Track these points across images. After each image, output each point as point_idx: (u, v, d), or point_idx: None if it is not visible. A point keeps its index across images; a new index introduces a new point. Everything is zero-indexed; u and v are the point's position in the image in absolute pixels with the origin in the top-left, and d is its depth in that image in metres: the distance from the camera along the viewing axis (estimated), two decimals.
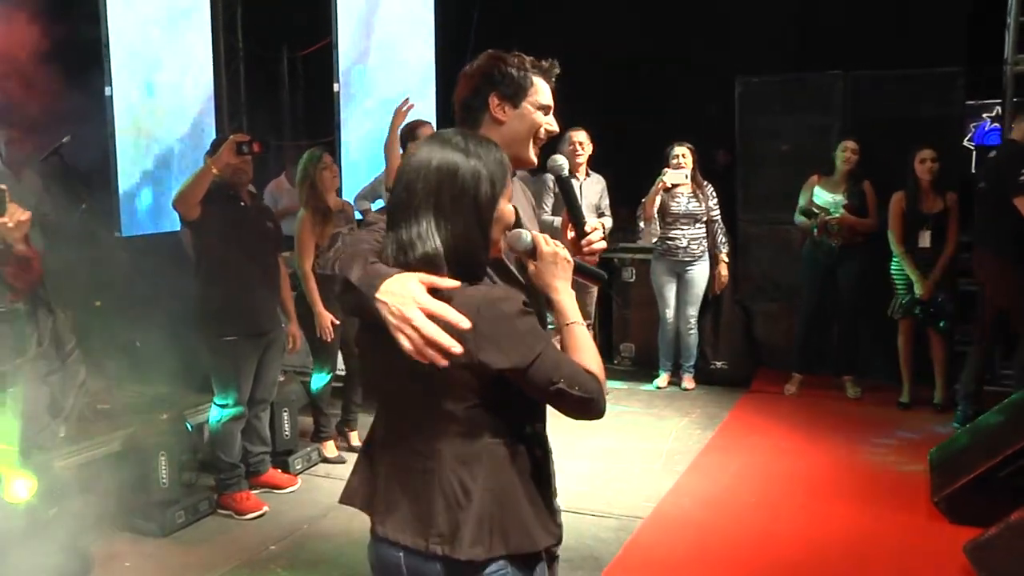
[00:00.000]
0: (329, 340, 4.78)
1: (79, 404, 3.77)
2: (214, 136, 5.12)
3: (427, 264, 1.67)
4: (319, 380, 4.98)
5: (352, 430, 5.19)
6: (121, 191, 5.14)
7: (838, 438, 5.20)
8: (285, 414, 4.81)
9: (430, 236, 1.69)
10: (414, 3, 7.30)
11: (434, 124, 7.16)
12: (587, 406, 1.72)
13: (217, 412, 4.22)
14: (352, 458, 4.96)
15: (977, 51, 6.41)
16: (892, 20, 6.26)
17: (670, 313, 6.21)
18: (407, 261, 1.69)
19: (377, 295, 1.65)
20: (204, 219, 4.00)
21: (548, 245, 1.86)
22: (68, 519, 3.18)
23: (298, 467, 4.78)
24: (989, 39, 6.15)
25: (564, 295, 1.84)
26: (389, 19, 6.98)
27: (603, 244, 2.24)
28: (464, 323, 1.60)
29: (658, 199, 5.97)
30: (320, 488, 4.63)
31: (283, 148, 7.34)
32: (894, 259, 5.62)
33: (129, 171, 5.20)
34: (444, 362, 1.59)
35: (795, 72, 6.65)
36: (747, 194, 6.83)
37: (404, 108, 4.71)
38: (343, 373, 5.17)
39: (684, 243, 6.08)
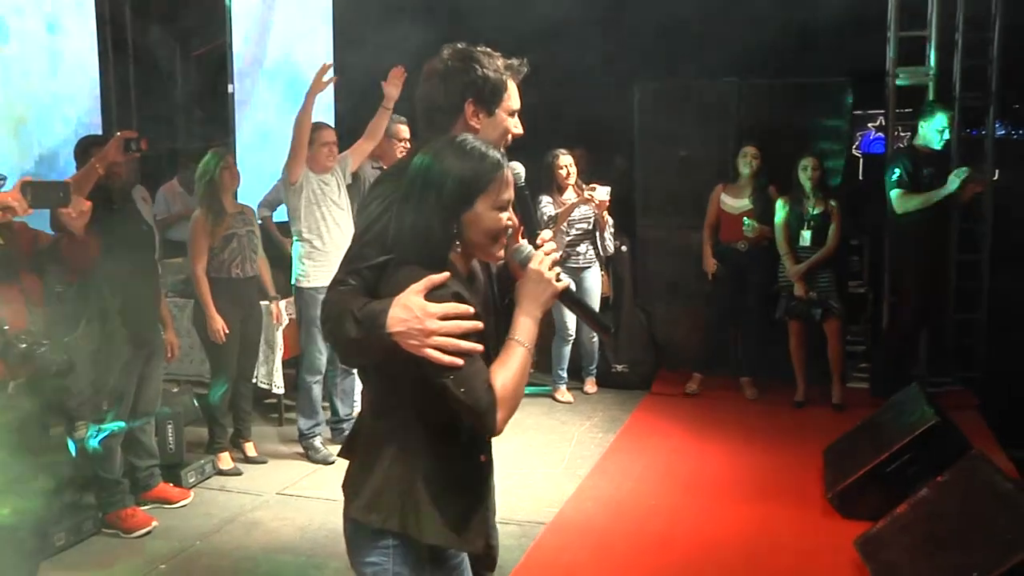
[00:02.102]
0: (221, 342, 4.64)
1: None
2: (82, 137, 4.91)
3: (397, 249, 1.83)
4: (216, 389, 4.81)
5: (247, 441, 5.03)
6: None
7: (736, 438, 5.31)
8: (170, 427, 4.60)
9: (397, 223, 1.83)
10: (312, 2, 7.17)
11: (333, 121, 7.06)
12: (470, 414, 1.75)
13: (95, 428, 4.01)
14: (249, 469, 4.85)
15: (863, 64, 6.67)
16: (785, 32, 6.45)
17: (571, 323, 6.17)
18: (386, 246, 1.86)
19: (388, 331, 1.71)
20: None
21: (538, 264, 1.88)
22: None
23: (191, 480, 4.60)
24: (874, 52, 6.40)
25: (525, 313, 1.86)
26: (286, 19, 6.83)
27: (555, 256, 2.19)
28: (471, 309, 1.74)
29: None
30: (214, 501, 4.46)
31: (175, 151, 7.10)
32: (782, 263, 5.81)
33: (9, 173, 4.91)
34: (480, 348, 1.74)
35: (691, 79, 6.78)
36: (646, 199, 6.92)
37: (326, 77, 4.59)
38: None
39: (583, 249, 6.09)
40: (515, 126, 2.18)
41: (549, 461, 5.00)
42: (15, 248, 2.99)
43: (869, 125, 9.35)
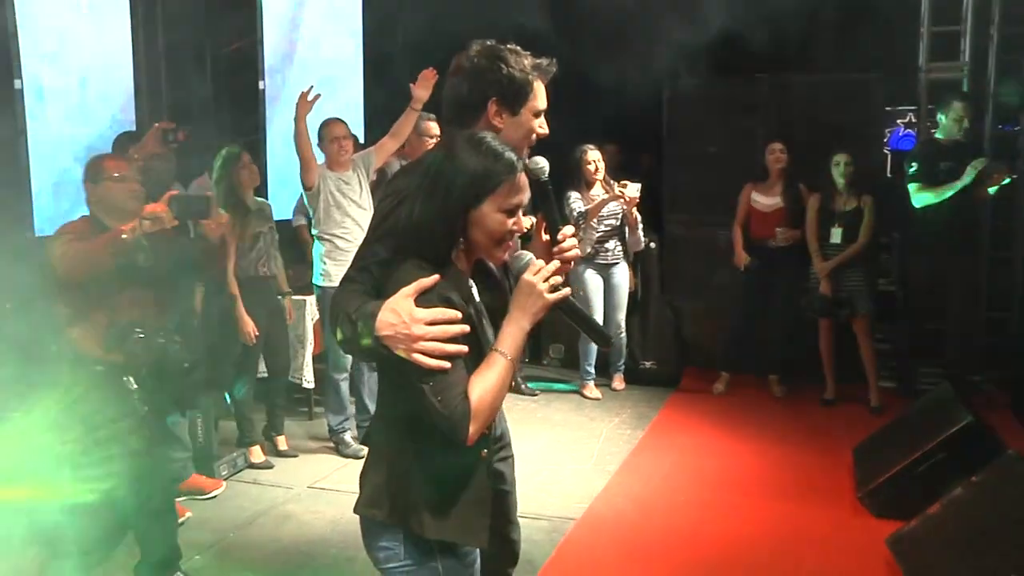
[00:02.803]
0: (251, 344, 4.67)
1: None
2: (120, 133, 4.97)
3: (402, 241, 1.85)
4: (240, 386, 4.86)
5: (279, 434, 5.07)
6: (35, 190, 4.93)
7: (766, 436, 5.29)
8: (199, 420, 4.64)
9: (406, 215, 1.85)
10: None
11: (361, 118, 7.09)
12: (444, 423, 1.75)
13: None
14: (280, 463, 4.90)
15: (892, 59, 6.61)
16: (815, 28, 6.42)
17: (598, 319, 6.17)
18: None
19: (378, 334, 1.73)
20: None
21: (532, 276, 1.84)
22: None
23: (223, 473, 4.65)
24: (902, 47, 6.35)
25: (513, 323, 1.84)
26: (315, 14, 6.87)
27: (576, 252, 2.18)
28: (459, 315, 1.75)
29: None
30: (247, 494, 4.51)
31: (207, 147, 7.15)
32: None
33: (44, 169, 4.99)
34: (464, 350, 1.75)
35: (721, 76, 6.75)
36: (674, 195, 6.91)
37: (310, 97, 4.61)
38: (264, 375, 5.07)
39: (612, 246, 6.08)
40: (540, 126, 2.17)
41: (578, 457, 5.01)
42: (159, 253, 3.23)
43: (898, 121, 9.25)
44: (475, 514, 1.89)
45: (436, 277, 1.76)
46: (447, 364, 1.73)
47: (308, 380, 5.41)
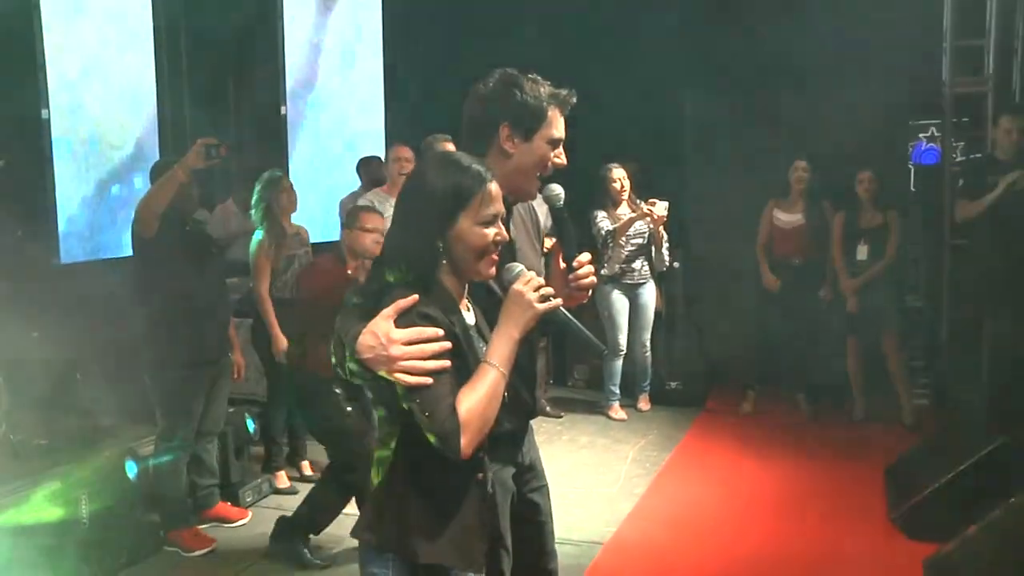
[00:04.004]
0: (284, 362, 4.66)
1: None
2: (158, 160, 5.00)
3: (389, 268, 1.84)
4: (276, 410, 4.86)
5: (303, 459, 5.05)
6: (60, 218, 4.97)
7: (795, 456, 5.22)
8: (232, 445, 4.63)
9: (389, 242, 1.88)
10: (362, 21, 7.25)
11: (382, 140, 7.13)
12: (435, 438, 1.74)
13: (163, 447, 4.06)
14: (305, 488, 4.84)
15: (915, 73, 6.56)
16: (837, 42, 6.37)
17: (623, 339, 6.08)
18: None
19: (358, 356, 1.75)
20: (158, 239, 3.87)
21: (522, 285, 1.84)
22: None
23: (248, 499, 4.63)
24: (925, 61, 6.30)
25: (503, 334, 1.83)
26: (336, 40, 6.92)
27: (592, 280, 2.18)
28: (439, 332, 1.74)
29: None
30: (271, 521, 4.43)
31: (230, 172, 7.19)
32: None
33: (68, 197, 5.04)
34: (446, 364, 1.74)
35: (746, 93, 6.71)
36: (698, 214, 6.86)
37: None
38: None
39: (638, 265, 6.05)
40: (556, 155, 2.16)
41: (605, 480, 4.96)
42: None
43: (920, 136, 9.18)
44: (472, 538, 1.87)
45: (415, 297, 1.76)
46: (428, 380, 1.72)
47: None
